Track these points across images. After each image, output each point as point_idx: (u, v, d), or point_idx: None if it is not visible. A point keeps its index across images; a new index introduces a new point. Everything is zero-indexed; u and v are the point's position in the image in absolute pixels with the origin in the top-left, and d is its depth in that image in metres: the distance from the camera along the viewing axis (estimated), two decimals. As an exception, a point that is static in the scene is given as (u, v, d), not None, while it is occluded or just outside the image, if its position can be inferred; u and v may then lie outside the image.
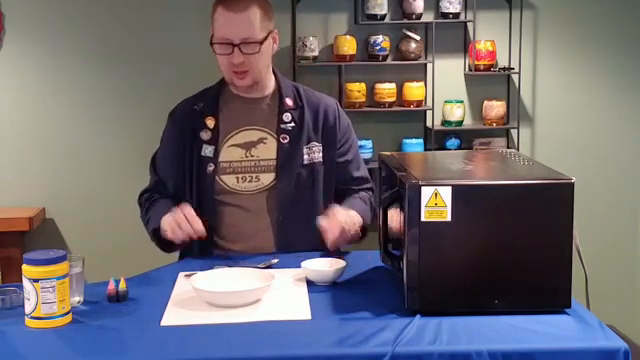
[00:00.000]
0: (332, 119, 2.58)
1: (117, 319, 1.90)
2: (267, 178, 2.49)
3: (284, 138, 2.50)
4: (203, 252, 2.47)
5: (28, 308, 1.85)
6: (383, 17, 3.86)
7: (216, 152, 2.49)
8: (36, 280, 1.83)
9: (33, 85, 3.88)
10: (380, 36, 3.88)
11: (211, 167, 2.48)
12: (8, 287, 2.07)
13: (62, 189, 3.89)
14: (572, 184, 1.86)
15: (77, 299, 1.98)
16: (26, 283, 1.85)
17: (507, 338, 1.74)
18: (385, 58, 3.91)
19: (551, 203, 1.86)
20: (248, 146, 2.51)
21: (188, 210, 2.33)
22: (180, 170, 2.52)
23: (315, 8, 3.93)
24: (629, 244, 4.19)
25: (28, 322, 1.86)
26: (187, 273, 2.19)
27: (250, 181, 2.49)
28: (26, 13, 3.84)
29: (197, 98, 2.59)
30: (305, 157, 2.51)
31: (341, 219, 2.32)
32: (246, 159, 2.50)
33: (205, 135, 2.50)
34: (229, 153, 2.50)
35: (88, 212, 3.93)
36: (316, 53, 3.87)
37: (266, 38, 2.45)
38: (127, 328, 1.85)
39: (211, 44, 2.47)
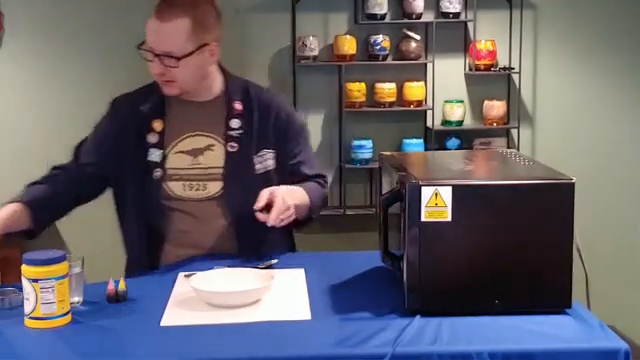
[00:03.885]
0: (283, 121, 2.48)
1: (117, 319, 1.90)
2: (215, 187, 2.39)
3: (232, 147, 2.40)
4: (151, 259, 2.40)
5: (27, 308, 1.85)
6: (383, 17, 3.86)
7: (163, 157, 2.39)
8: (35, 280, 1.82)
9: (33, 85, 3.88)
10: (380, 36, 3.88)
11: (158, 173, 2.37)
12: (7, 287, 2.07)
13: (62, 189, 3.88)
14: (572, 184, 1.85)
15: (76, 299, 1.98)
16: (25, 283, 1.84)
17: (507, 338, 1.73)
18: (385, 58, 3.91)
19: (551, 203, 1.86)
20: (195, 153, 2.40)
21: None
22: (119, 170, 2.41)
23: (315, 8, 3.92)
24: (630, 244, 4.19)
25: (27, 322, 1.86)
26: (187, 273, 2.18)
27: (197, 189, 2.39)
28: (26, 13, 3.84)
29: (142, 97, 2.46)
30: (258, 166, 2.42)
31: (279, 195, 2.26)
32: (193, 167, 2.39)
33: (152, 138, 2.39)
34: (176, 160, 2.39)
35: (87, 212, 3.92)
36: (316, 53, 3.87)
37: (193, 52, 2.30)
38: (127, 328, 1.85)
39: (136, 47, 2.36)
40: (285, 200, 2.27)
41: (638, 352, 2.36)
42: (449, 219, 1.83)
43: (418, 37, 3.91)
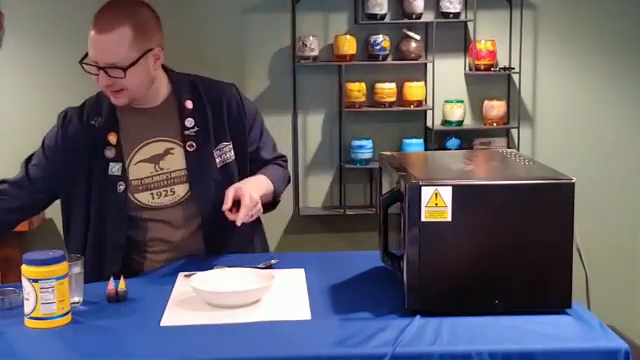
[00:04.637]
0: (236, 110, 2.46)
1: (116, 319, 1.90)
2: (182, 189, 2.37)
3: (191, 146, 2.37)
4: (131, 267, 2.36)
5: (27, 308, 1.85)
6: (383, 17, 3.86)
7: (124, 170, 2.35)
8: (35, 280, 1.83)
9: (33, 85, 3.88)
10: (380, 36, 3.88)
11: (121, 186, 2.34)
12: (7, 287, 2.07)
13: (62, 189, 3.88)
14: (572, 184, 1.85)
15: (76, 299, 1.98)
16: (25, 283, 1.84)
17: (507, 338, 1.74)
18: (385, 58, 3.91)
19: (552, 203, 1.86)
20: (156, 159, 2.37)
21: None
22: (71, 184, 2.37)
23: (315, 8, 3.92)
24: (630, 244, 4.19)
25: (27, 322, 1.86)
26: (187, 273, 2.19)
27: (165, 195, 2.37)
28: (26, 13, 3.84)
29: (92, 110, 2.42)
30: (217, 160, 2.40)
31: (244, 194, 2.27)
32: (156, 173, 2.37)
33: (109, 153, 2.35)
34: (138, 170, 2.37)
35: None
36: (316, 53, 3.87)
37: (138, 60, 2.26)
38: (127, 328, 1.85)
39: (79, 61, 2.32)
40: (252, 197, 2.28)
41: (638, 352, 2.36)
42: (449, 219, 1.83)
43: (418, 37, 3.91)
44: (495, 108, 3.95)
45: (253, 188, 2.32)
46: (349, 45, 3.86)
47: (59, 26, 3.85)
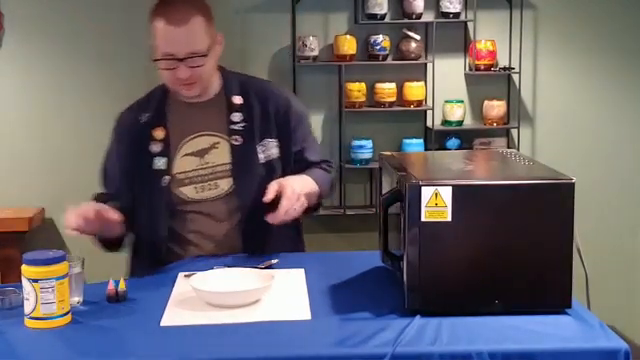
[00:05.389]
0: (283, 110, 2.47)
1: (116, 319, 1.90)
2: (225, 183, 2.40)
3: (236, 140, 2.40)
4: (156, 261, 2.38)
5: (27, 308, 1.85)
6: (383, 17, 3.86)
7: (169, 164, 2.39)
8: (35, 280, 1.82)
9: (33, 85, 3.88)
10: (380, 36, 3.88)
11: (166, 180, 2.38)
12: (7, 287, 2.07)
13: (61, 189, 3.88)
14: (573, 184, 1.85)
15: (76, 299, 1.98)
16: (25, 283, 1.84)
17: (507, 338, 1.73)
18: (385, 58, 3.91)
19: (551, 203, 1.86)
20: (202, 153, 2.41)
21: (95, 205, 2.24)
22: (130, 185, 2.42)
23: (315, 8, 3.92)
24: (630, 244, 4.19)
25: (27, 322, 1.86)
26: (187, 273, 2.19)
27: (209, 189, 2.40)
28: (26, 13, 3.84)
29: (141, 108, 2.48)
30: (261, 156, 2.42)
31: (288, 188, 2.26)
32: (201, 167, 2.40)
33: (155, 147, 2.40)
34: (183, 163, 2.40)
35: (88, 212, 3.92)
36: (316, 53, 3.87)
37: (212, 45, 2.36)
38: (127, 328, 1.85)
39: (154, 60, 2.35)
40: (295, 190, 2.28)
41: (638, 352, 2.36)
42: (449, 219, 1.83)
43: (418, 37, 3.91)
44: (495, 108, 3.95)
45: (297, 184, 2.32)
46: (349, 45, 3.86)
47: (59, 26, 3.85)
